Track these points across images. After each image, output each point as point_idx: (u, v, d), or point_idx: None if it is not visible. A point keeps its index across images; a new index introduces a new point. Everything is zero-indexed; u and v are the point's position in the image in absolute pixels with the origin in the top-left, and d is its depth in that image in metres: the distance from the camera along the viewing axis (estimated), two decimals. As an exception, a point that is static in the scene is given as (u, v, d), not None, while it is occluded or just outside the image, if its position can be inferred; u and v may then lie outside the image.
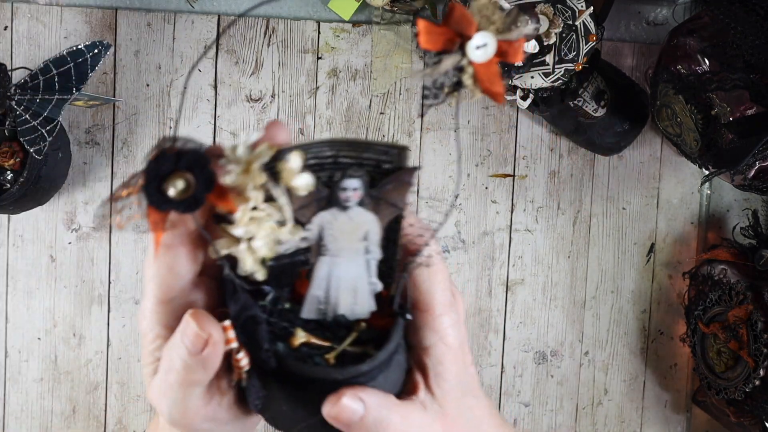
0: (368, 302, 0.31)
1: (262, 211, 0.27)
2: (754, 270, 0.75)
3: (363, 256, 0.30)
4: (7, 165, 0.70)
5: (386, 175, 0.29)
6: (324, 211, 0.29)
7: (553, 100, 0.70)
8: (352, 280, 0.30)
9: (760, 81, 0.62)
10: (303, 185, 0.28)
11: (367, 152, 0.29)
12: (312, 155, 0.29)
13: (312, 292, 0.30)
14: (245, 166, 0.27)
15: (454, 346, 0.31)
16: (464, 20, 0.25)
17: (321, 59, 0.80)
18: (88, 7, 0.77)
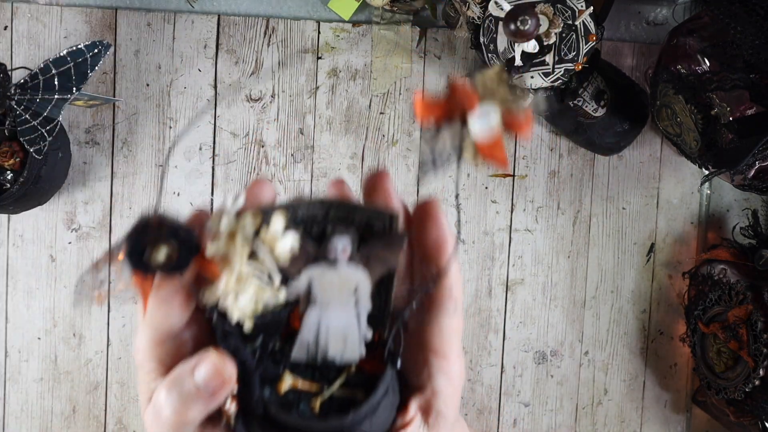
0: (358, 349, 0.30)
1: (246, 272, 0.27)
2: (754, 270, 0.75)
3: (353, 308, 0.30)
4: (7, 165, 0.70)
5: (377, 236, 0.29)
6: (312, 266, 0.29)
7: (553, 100, 0.70)
8: (342, 328, 0.30)
9: (760, 81, 0.62)
10: (285, 250, 0.28)
11: (358, 213, 0.29)
12: (303, 211, 0.29)
13: (302, 337, 0.30)
14: (229, 236, 0.27)
15: (458, 389, 0.32)
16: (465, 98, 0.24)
17: (321, 59, 0.80)
18: (88, 7, 0.77)
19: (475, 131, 0.25)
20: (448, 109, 0.25)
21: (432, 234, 0.30)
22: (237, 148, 0.80)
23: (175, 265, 0.26)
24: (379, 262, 0.29)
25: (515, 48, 0.64)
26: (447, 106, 0.25)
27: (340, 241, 0.29)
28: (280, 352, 0.31)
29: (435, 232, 0.30)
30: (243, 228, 0.27)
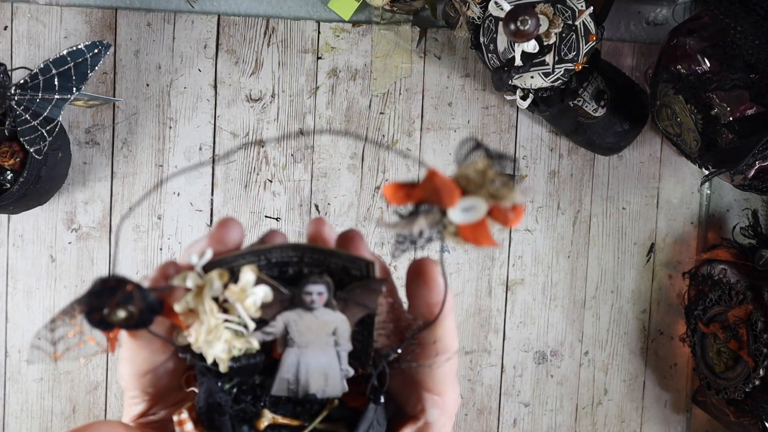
0: (340, 385, 0.30)
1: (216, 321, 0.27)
2: (754, 270, 0.75)
3: (333, 348, 0.29)
4: (7, 165, 0.70)
5: (354, 280, 0.28)
6: (288, 311, 0.28)
7: (553, 100, 0.70)
8: (322, 368, 0.29)
9: (760, 81, 0.62)
10: (255, 303, 0.27)
11: (333, 258, 0.28)
12: (276, 255, 0.28)
13: (281, 375, 0.29)
14: (196, 292, 0.26)
15: (452, 417, 0.31)
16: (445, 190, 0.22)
17: (321, 59, 0.80)
18: (88, 7, 0.77)
19: (456, 221, 0.23)
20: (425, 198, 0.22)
21: (426, 296, 0.29)
22: (237, 148, 0.80)
23: (137, 323, 0.25)
24: (357, 306, 0.28)
25: (515, 48, 0.64)
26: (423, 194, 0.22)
27: (315, 288, 0.28)
28: (260, 387, 0.30)
29: (429, 295, 0.29)
30: (210, 284, 0.26)
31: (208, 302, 0.26)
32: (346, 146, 0.81)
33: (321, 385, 0.29)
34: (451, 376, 0.31)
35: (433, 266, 0.28)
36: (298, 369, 0.29)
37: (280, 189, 0.81)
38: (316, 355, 0.29)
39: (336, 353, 0.29)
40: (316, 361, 0.29)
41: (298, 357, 0.29)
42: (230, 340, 0.27)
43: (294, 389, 0.30)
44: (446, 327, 0.29)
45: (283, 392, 0.30)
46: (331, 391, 0.30)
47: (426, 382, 0.30)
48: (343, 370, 0.29)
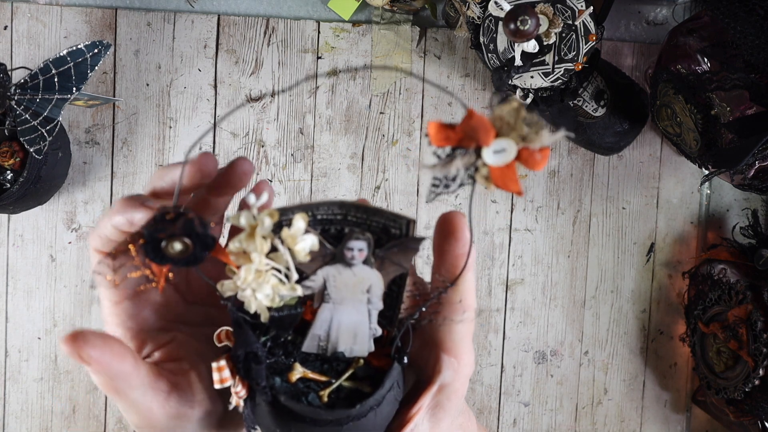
0: (367, 344, 0.31)
1: (265, 266, 0.28)
2: (753, 270, 0.75)
3: (365, 306, 0.31)
4: (7, 165, 0.70)
5: (393, 239, 0.30)
6: (329, 266, 0.30)
7: (553, 99, 0.70)
8: (353, 325, 0.31)
9: (760, 81, 0.62)
10: (304, 249, 0.28)
11: (376, 216, 0.30)
12: (322, 212, 0.30)
13: (313, 332, 0.31)
14: (249, 231, 0.27)
15: (466, 382, 0.32)
16: (482, 129, 0.24)
17: (321, 59, 0.80)
18: (87, 7, 0.77)
19: (489, 162, 0.24)
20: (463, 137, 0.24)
21: (453, 248, 0.30)
22: (237, 148, 0.80)
23: (189, 259, 0.26)
24: (392, 265, 0.30)
25: (515, 48, 0.64)
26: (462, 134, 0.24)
27: (356, 244, 0.29)
28: (292, 344, 0.32)
29: (456, 246, 0.30)
30: (262, 223, 0.27)
31: (259, 240, 0.27)
32: (346, 146, 0.81)
33: (349, 344, 0.31)
34: (468, 338, 0.32)
35: (461, 218, 0.30)
36: (330, 326, 0.31)
37: (280, 189, 0.81)
38: (349, 312, 0.31)
39: (367, 311, 0.31)
40: (348, 318, 0.31)
41: (332, 313, 0.31)
42: (276, 286, 0.28)
43: (324, 346, 0.31)
44: (468, 283, 0.31)
45: (313, 349, 0.31)
46: (359, 350, 0.31)
47: (445, 343, 0.31)
48: (372, 329, 0.31)
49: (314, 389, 0.31)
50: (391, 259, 0.30)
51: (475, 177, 0.25)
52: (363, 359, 0.32)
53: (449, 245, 0.30)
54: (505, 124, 0.24)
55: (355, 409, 0.29)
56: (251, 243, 0.27)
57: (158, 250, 0.26)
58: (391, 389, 0.31)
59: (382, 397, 0.30)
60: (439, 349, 0.32)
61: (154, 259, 0.26)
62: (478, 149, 0.24)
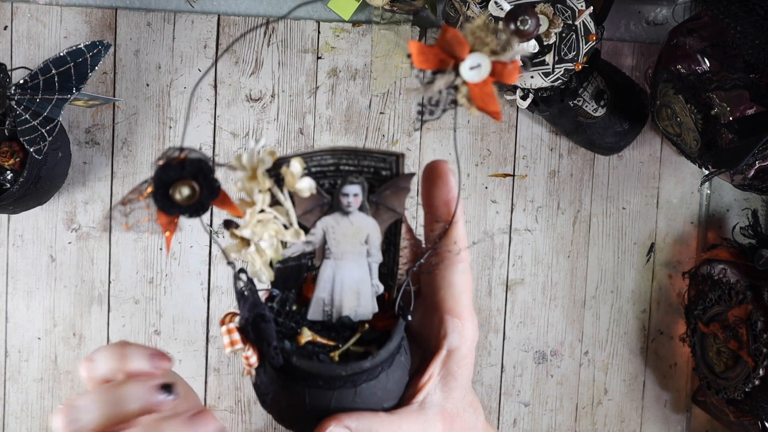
0: (371, 304, 0.32)
1: (267, 214, 0.29)
2: (753, 270, 0.75)
3: (365, 259, 0.32)
4: (7, 165, 0.70)
5: (384, 182, 0.31)
6: (327, 216, 0.31)
7: (553, 99, 0.70)
8: (355, 283, 0.32)
9: (760, 81, 0.62)
10: (305, 187, 0.29)
11: (366, 160, 0.31)
12: (314, 164, 0.30)
13: (317, 295, 0.32)
14: (250, 173, 0.28)
15: (472, 351, 0.33)
16: (457, 42, 0.25)
17: (321, 59, 0.80)
18: (88, 7, 0.77)
19: (467, 78, 0.26)
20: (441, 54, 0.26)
21: (441, 194, 0.31)
22: (237, 147, 0.80)
23: (196, 205, 0.27)
24: (387, 211, 0.31)
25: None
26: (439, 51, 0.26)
27: (351, 189, 0.30)
28: (297, 314, 0.32)
29: (444, 190, 0.31)
30: (263, 161, 0.28)
31: (262, 177, 0.28)
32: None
33: (353, 305, 0.32)
34: (467, 297, 0.33)
35: (445, 164, 0.32)
36: (334, 285, 0.32)
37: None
38: (350, 268, 0.32)
39: (368, 266, 0.32)
40: (350, 275, 0.32)
41: (334, 270, 0.32)
42: (279, 231, 0.29)
43: (329, 311, 0.32)
44: (460, 226, 0.32)
45: (318, 315, 0.32)
46: (363, 311, 0.32)
47: (446, 302, 0.32)
48: (374, 286, 0.32)
49: (323, 352, 0.31)
50: (385, 204, 0.31)
51: (457, 98, 0.26)
52: (368, 323, 0.32)
53: (438, 190, 0.32)
54: (478, 39, 0.26)
55: (368, 361, 0.29)
56: (254, 182, 0.28)
57: (167, 198, 0.27)
58: (400, 350, 0.31)
59: (392, 353, 0.30)
60: (442, 312, 0.32)
61: (163, 207, 0.27)
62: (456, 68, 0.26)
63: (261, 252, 0.29)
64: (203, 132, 0.79)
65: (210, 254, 0.80)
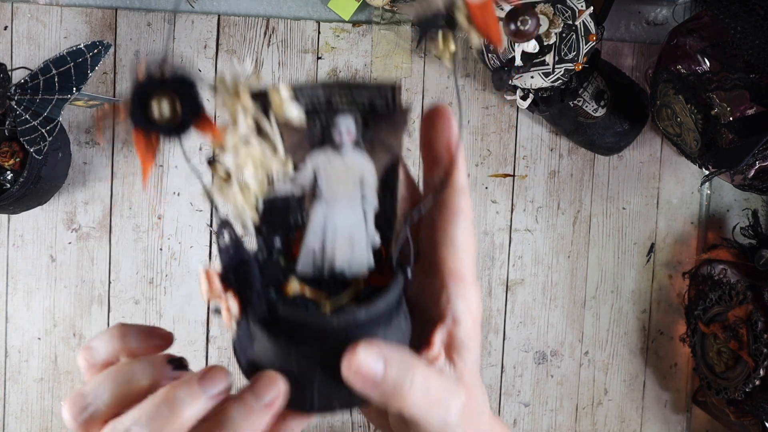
0: (366, 257, 0.29)
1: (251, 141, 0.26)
2: (754, 270, 0.75)
3: (359, 203, 0.29)
4: (7, 165, 0.70)
5: (380, 117, 0.28)
6: (317, 153, 0.28)
7: (553, 100, 0.70)
8: (348, 230, 0.29)
9: (760, 81, 0.62)
10: (294, 114, 0.27)
11: (360, 93, 0.28)
12: (305, 97, 0.28)
13: (307, 245, 0.29)
14: (233, 91, 0.26)
15: (478, 319, 0.30)
16: None
17: (321, 59, 0.80)
18: (88, 7, 0.77)
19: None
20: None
21: (442, 136, 0.29)
22: (237, 148, 0.80)
23: (177, 125, 0.25)
24: (383, 148, 0.28)
25: (515, 48, 0.64)
26: None
27: (344, 122, 0.28)
28: (286, 266, 0.29)
29: (445, 133, 0.30)
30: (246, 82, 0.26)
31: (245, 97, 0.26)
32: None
33: (347, 256, 0.29)
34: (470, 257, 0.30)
35: (447, 108, 0.30)
36: (325, 231, 0.29)
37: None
38: (344, 213, 0.29)
39: (363, 212, 0.29)
40: (343, 220, 0.29)
41: (326, 215, 0.29)
42: (264, 161, 0.27)
43: (320, 262, 0.29)
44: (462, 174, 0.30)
45: (308, 267, 0.29)
46: (358, 264, 0.29)
47: (446, 261, 0.29)
48: (370, 235, 0.29)
49: (313, 305, 0.28)
50: (380, 141, 0.28)
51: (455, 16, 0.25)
52: (363, 280, 0.29)
53: (437, 134, 0.30)
54: None
55: (363, 312, 0.26)
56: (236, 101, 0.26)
57: (145, 114, 0.25)
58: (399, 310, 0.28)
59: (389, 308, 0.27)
60: (444, 274, 0.29)
61: (142, 123, 0.25)
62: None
63: (244, 188, 0.27)
64: (203, 132, 0.79)
65: (210, 254, 0.80)
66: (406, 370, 0.27)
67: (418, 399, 0.27)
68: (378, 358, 0.26)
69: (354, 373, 0.26)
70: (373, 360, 0.26)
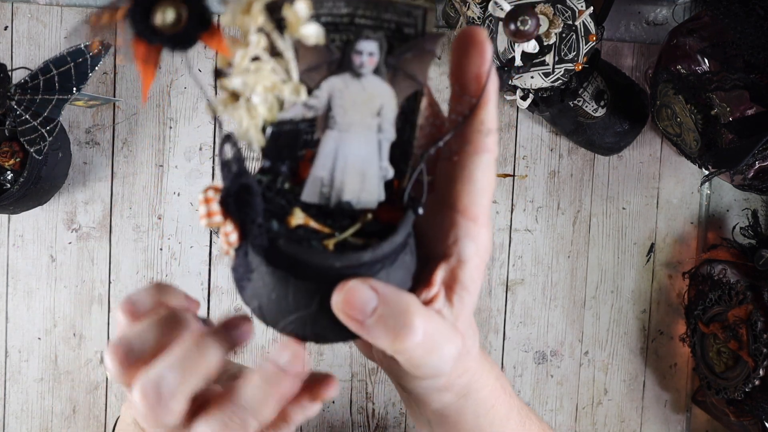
0: (377, 190, 0.27)
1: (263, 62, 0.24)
2: (753, 270, 0.75)
3: (375, 135, 0.26)
4: (7, 165, 0.70)
5: (407, 42, 0.26)
6: (334, 77, 0.26)
7: (553, 100, 0.70)
8: (360, 162, 0.26)
9: (760, 81, 0.62)
10: (312, 34, 0.24)
11: (388, 12, 0.25)
12: (325, 11, 0.25)
13: (315, 173, 0.26)
14: (245, 6, 0.23)
15: (484, 262, 0.29)
16: None
17: (321, 59, 0.80)
18: (88, 7, 0.77)
19: None
20: None
21: (473, 63, 0.27)
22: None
23: (182, 35, 0.22)
24: (406, 79, 0.26)
25: (515, 48, 0.64)
26: None
27: (366, 45, 0.25)
28: (290, 193, 0.27)
29: (477, 61, 0.27)
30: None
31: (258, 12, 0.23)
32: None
33: (356, 189, 0.27)
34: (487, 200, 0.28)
35: (481, 32, 0.27)
36: (335, 162, 0.26)
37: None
38: (357, 143, 0.26)
39: (377, 144, 0.26)
40: (356, 152, 0.26)
41: (337, 145, 0.26)
42: (275, 85, 0.25)
43: (327, 192, 0.27)
44: (490, 106, 0.27)
45: (314, 197, 0.27)
46: (367, 197, 0.27)
47: (461, 199, 0.28)
48: (383, 169, 0.27)
49: (316, 239, 0.26)
50: (404, 70, 0.26)
51: None
52: (371, 213, 0.27)
53: (470, 61, 0.27)
54: None
55: (368, 254, 0.25)
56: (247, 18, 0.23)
57: (147, 21, 0.22)
58: (405, 248, 0.26)
59: (395, 249, 0.26)
60: (456, 211, 0.28)
61: (142, 31, 0.22)
62: None
63: (252, 110, 0.25)
64: (203, 132, 0.79)
65: (210, 254, 0.80)
66: (403, 312, 0.25)
67: (415, 344, 0.26)
68: (371, 293, 0.25)
69: (342, 303, 0.25)
70: (364, 294, 0.25)
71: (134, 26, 0.22)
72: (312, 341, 0.26)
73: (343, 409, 0.83)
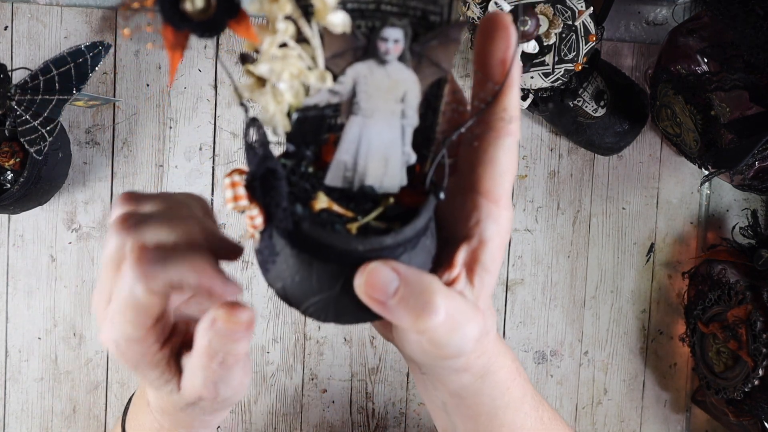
0: (399, 175, 0.28)
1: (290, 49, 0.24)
2: (753, 270, 0.75)
3: (398, 121, 0.27)
4: (7, 165, 0.70)
5: (432, 29, 0.26)
6: (360, 63, 0.26)
7: (553, 100, 0.70)
8: (384, 147, 0.27)
9: (760, 81, 0.62)
10: (339, 22, 0.24)
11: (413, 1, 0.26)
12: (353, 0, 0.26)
13: (339, 157, 0.27)
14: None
15: (505, 243, 0.29)
16: None
17: None
18: (88, 7, 0.77)
19: None
20: None
21: (498, 48, 0.27)
22: (237, 148, 0.80)
23: (209, 23, 0.23)
24: (431, 66, 0.26)
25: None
26: None
27: (392, 32, 0.26)
28: (314, 177, 0.28)
29: (501, 46, 0.27)
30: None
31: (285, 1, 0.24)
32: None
33: (379, 173, 0.27)
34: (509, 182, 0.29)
35: (506, 17, 0.27)
36: (359, 147, 0.27)
37: (280, 189, 0.81)
38: (380, 129, 0.27)
39: (401, 129, 0.27)
40: (379, 137, 0.27)
41: (361, 130, 0.27)
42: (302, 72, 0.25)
43: (350, 176, 0.27)
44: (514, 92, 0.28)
45: (338, 181, 0.28)
46: (389, 182, 0.28)
47: (484, 181, 0.28)
48: (405, 154, 0.28)
49: (340, 222, 0.27)
50: (429, 57, 0.26)
51: None
52: (393, 197, 0.28)
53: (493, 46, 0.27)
54: None
55: (390, 238, 0.25)
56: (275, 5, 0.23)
57: (176, 7, 0.22)
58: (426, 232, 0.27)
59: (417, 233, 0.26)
60: (477, 193, 0.28)
61: (170, 18, 0.23)
62: None
63: (278, 95, 0.25)
64: (203, 132, 0.79)
65: (210, 254, 0.80)
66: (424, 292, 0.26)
67: (437, 323, 0.26)
68: (392, 274, 0.25)
69: (364, 284, 0.25)
70: (386, 275, 0.25)
71: (163, 12, 0.23)
72: (334, 322, 0.27)
73: (343, 409, 0.83)
